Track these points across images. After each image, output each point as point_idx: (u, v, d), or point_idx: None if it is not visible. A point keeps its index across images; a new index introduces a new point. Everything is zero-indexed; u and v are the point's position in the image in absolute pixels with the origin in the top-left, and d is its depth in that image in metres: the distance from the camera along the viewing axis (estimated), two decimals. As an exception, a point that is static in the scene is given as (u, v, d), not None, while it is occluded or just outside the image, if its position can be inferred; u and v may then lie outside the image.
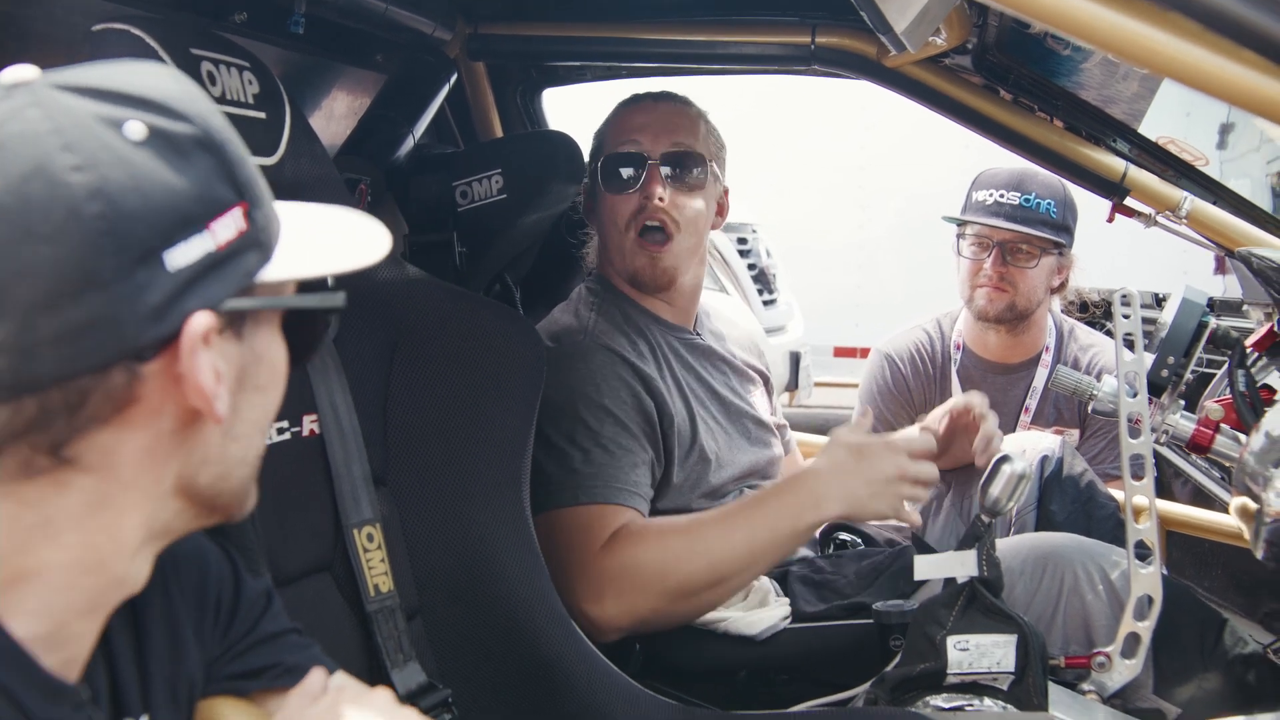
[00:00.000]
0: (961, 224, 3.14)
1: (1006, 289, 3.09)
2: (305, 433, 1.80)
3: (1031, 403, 3.17)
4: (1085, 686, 2.03)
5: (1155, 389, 2.12)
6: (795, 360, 6.39)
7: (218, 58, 1.69)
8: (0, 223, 0.90)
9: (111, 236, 0.91)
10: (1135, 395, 2.07)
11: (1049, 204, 3.03)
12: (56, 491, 0.97)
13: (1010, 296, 3.09)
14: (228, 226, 0.98)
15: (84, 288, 0.91)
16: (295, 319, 1.10)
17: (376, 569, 1.84)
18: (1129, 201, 2.55)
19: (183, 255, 0.95)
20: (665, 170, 2.36)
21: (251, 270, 1.00)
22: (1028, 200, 3.04)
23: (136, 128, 0.94)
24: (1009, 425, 3.14)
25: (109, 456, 0.97)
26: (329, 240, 1.11)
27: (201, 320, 0.96)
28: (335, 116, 2.75)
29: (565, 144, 2.52)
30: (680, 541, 2.12)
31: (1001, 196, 3.06)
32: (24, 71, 0.97)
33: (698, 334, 2.53)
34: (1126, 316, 2.08)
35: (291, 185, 1.76)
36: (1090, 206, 2.95)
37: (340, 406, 1.85)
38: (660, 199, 2.34)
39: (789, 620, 2.26)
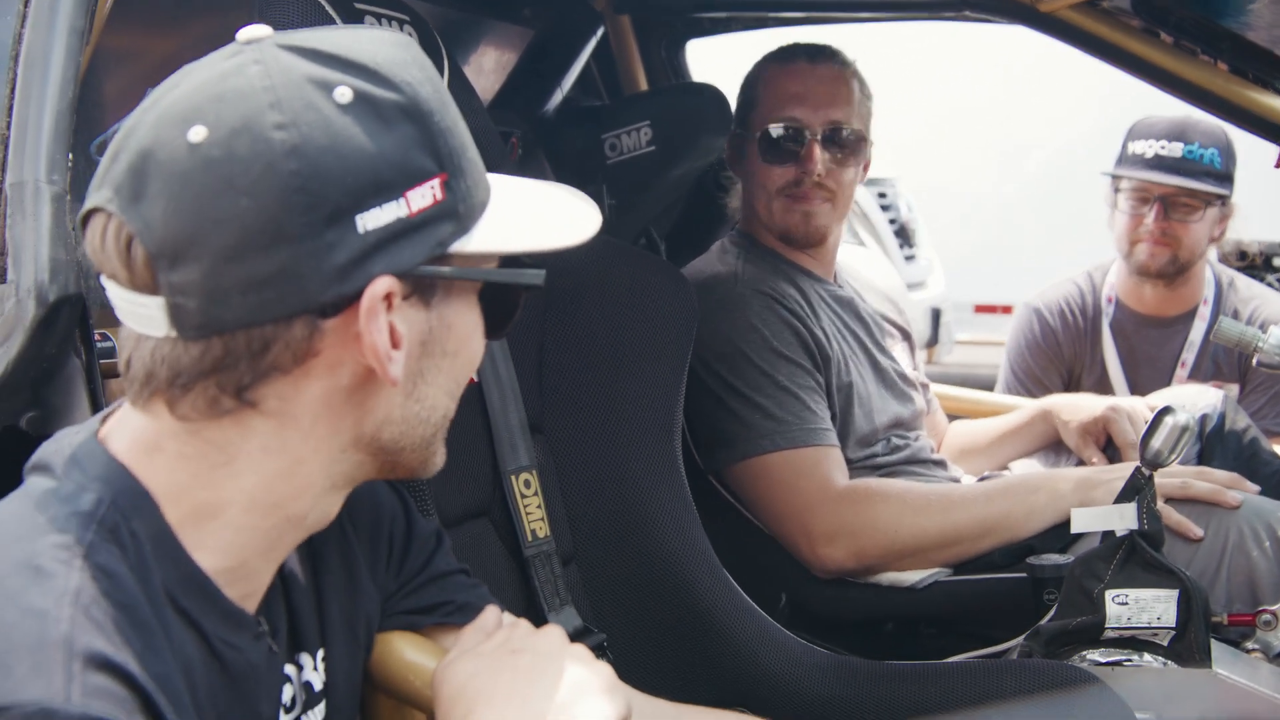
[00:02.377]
0: (1121, 178, 3.05)
1: (1169, 243, 3.00)
2: (464, 380, 1.84)
3: (1188, 357, 3.08)
4: (1250, 645, 1.97)
5: (1326, 340, 2.05)
6: (935, 316, 6.30)
7: (380, 11, 1.72)
8: (206, 172, 0.94)
9: (304, 194, 0.94)
10: (1306, 347, 2.01)
11: (1213, 153, 2.94)
12: (239, 433, 1.01)
13: (1172, 251, 3.01)
14: (423, 195, 1.00)
15: (273, 241, 0.94)
16: (492, 291, 1.11)
17: (533, 515, 1.87)
18: (1299, 147, 2.45)
19: (374, 219, 0.97)
20: (822, 142, 2.37)
21: (445, 240, 1.02)
22: (1191, 151, 2.94)
23: (344, 92, 0.97)
24: (1164, 380, 3.06)
25: (288, 404, 1.01)
26: (535, 217, 1.12)
27: (383, 284, 0.98)
28: (485, 71, 2.78)
29: (714, 96, 2.52)
30: (920, 502, 2.22)
31: (1163, 148, 2.96)
32: (258, 30, 1.02)
33: (840, 286, 2.53)
34: (1298, 265, 2.01)
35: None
36: (1246, 153, 2.84)
37: (497, 355, 1.89)
38: (818, 175, 2.37)
39: (950, 571, 2.25)
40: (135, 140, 0.97)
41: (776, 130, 2.39)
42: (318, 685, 1.19)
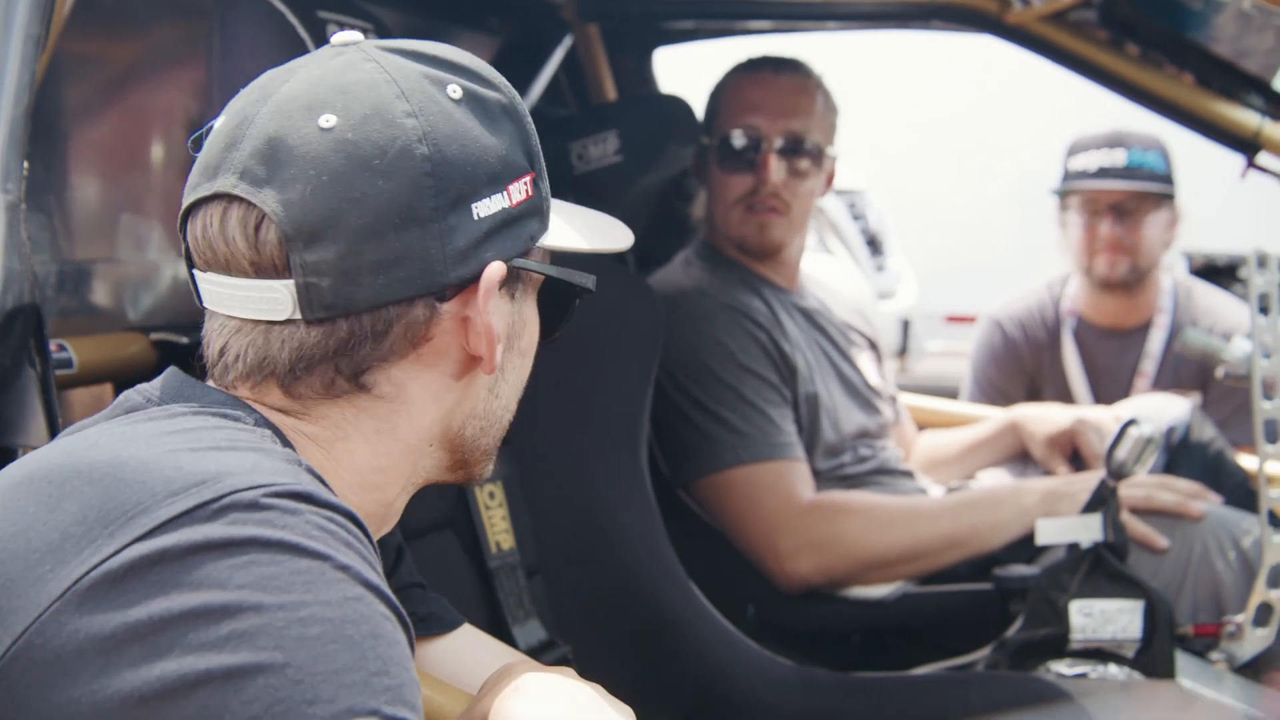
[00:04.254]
0: (1069, 193, 3.08)
1: (1127, 251, 3.03)
2: (428, 391, 1.82)
3: (1148, 367, 3.09)
4: (1215, 656, 1.98)
5: (1290, 352, 2.05)
6: (905, 326, 6.32)
7: (343, 20, 1.71)
8: (340, 154, 0.98)
9: (434, 178, 1.00)
10: (1270, 357, 2.02)
11: (1154, 156, 2.99)
12: (354, 413, 1.04)
13: (1131, 258, 3.03)
14: (520, 190, 1.06)
15: (406, 222, 0.99)
16: (545, 297, 1.15)
17: (498, 526, 1.86)
18: (1263, 159, 2.47)
19: (485, 208, 1.03)
20: (780, 152, 2.36)
21: (534, 235, 1.08)
22: (1133, 156, 2.98)
23: (455, 89, 1.04)
24: (1124, 392, 3.07)
25: (400, 389, 1.05)
26: (586, 224, 1.19)
27: (497, 268, 1.03)
28: (452, 81, 2.76)
29: (680, 106, 2.51)
30: (885, 516, 2.21)
31: (1105, 157, 3.00)
32: (352, 35, 1.08)
33: (804, 296, 2.54)
34: (1262, 277, 2.02)
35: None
36: (1218, 167, 2.86)
37: (462, 365, 1.87)
38: (774, 185, 2.36)
39: (917, 583, 2.25)
40: (258, 128, 1.00)
41: (734, 138, 2.39)
42: None
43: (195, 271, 1.04)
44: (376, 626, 0.82)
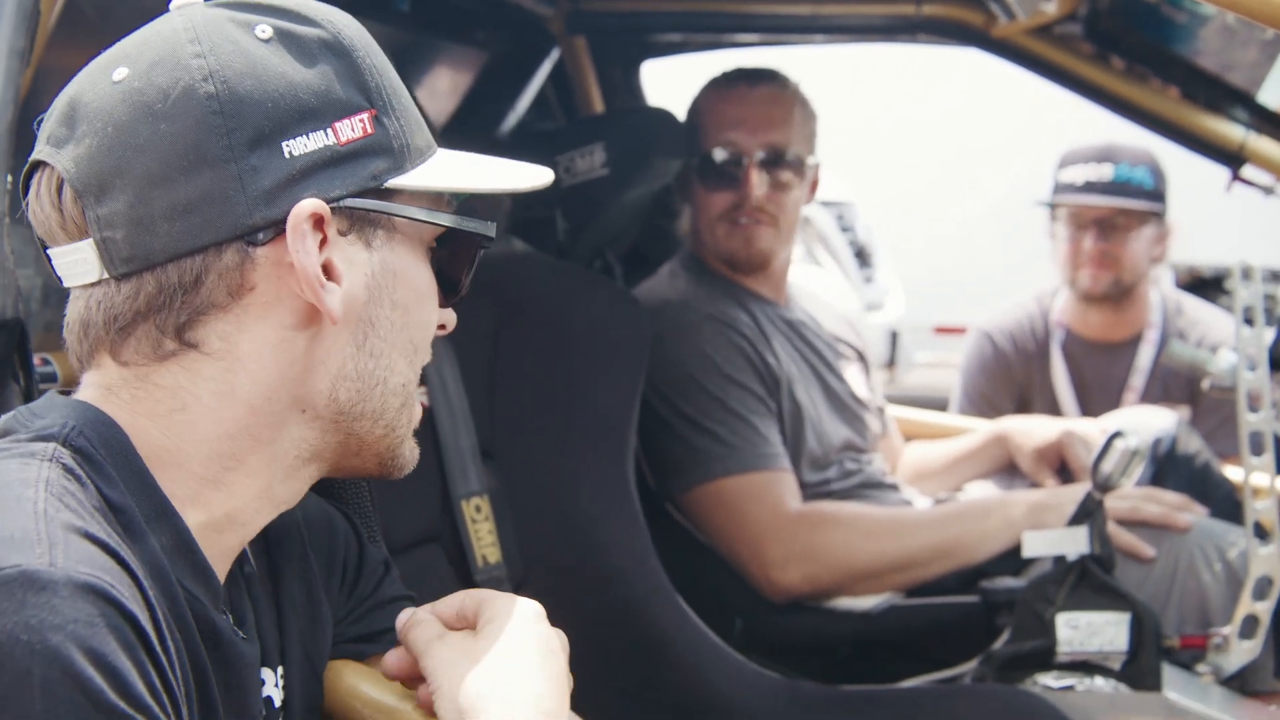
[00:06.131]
0: (1057, 206, 3.09)
1: (1110, 265, 3.03)
2: (415, 405, 1.82)
3: (1136, 381, 3.10)
4: (1201, 668, 1.98)
5: (1276, 364, 2.06)
6: (893, 338, 6.33)
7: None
8: (126, 103, 0.96)
9: (223, 116, 0.96)
10: (1255, 370, 2.02)
11: (1143, 172, 2.99)
12: (188, 377, 0.99)
13: (1114, 273, 3.04)
14: (351, 127, 1.00)
15: (195, 164, 0.95)
16: (445, 252, 1.10)
17: (485, 540, 1.86)
18: (1248, 172, 2.49)
19: (301, 146, 0.98)
20: (762, 165, 2.36)
21: (378, 175, 1.01)
22: (1120, 172, 2.99)
23: (264, 29, 1.00)
24: (1112, 405, 3.07)
25: (232, 344, 0.99)
26: (481, 167, 1.11)
27: (309, 205, 0.97)
28: (439, 94, 2.77)
29: (667, 120, 2.52)
30: (873, 527, 2.23)
31: (1093, 172, 3.01)
32: None
33: (790, 309, 2.54)
34: (1247, 289, 2.03)
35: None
36: (1204, 181, 2.87)
37: (449, 380, 1.88)
38: (758, 199, 2.36)
39: (904, 595, 2.25)
40: (65, 94, 1.00)
41: (715, 155, 2.39)
42: (277, 702, 1.16)
43: (47, 252, 1.02)
44: None
